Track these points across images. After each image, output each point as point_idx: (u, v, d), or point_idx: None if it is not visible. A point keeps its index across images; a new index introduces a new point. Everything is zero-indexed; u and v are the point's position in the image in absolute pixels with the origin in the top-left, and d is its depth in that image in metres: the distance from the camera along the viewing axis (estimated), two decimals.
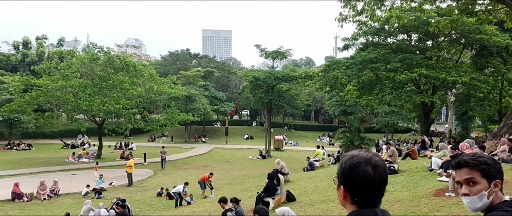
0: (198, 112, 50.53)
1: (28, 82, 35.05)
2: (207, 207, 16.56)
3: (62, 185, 22.69)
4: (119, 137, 45.20)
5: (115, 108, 32.11)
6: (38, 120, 37.53)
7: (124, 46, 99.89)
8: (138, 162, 34.36)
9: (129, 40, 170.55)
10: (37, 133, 47.84)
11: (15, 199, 20.41)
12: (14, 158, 36.01)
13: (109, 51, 37.13)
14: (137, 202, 20.16)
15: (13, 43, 62.43)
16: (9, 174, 27.91)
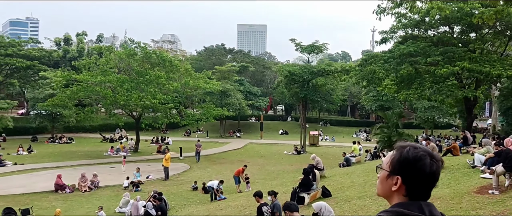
0: (233, 107, 50.70)
1: (69, 77, 36.17)
2: (242, 201, 16.52)
3: (101, 177, 23.29)
4: (155, 131, 46.02)
5: (152, 102, 32.63)
6: (79, 114, 38.71)
7: (160, 42, 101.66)
8: (174, 156, 34.83)
9: (165, 35, 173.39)
10: (78, 127, 49.40)
11: (58, 190, 21.12)
12: (57, 151, 37.38)
13: (146, 46, 37.72)
14: (173, 196, 20.41)
15: (55, 40, 64.67)
16: (52, 166, 28.97)
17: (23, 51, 55.08)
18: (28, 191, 21.09)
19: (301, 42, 41.49)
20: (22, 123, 47.77)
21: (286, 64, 59.31)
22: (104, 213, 15.65)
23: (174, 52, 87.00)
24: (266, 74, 77.90)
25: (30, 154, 35.11)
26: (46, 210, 17.26)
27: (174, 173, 26.86)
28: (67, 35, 63.14)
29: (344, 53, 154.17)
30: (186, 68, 38.41)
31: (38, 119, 46.17)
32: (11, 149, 36.10)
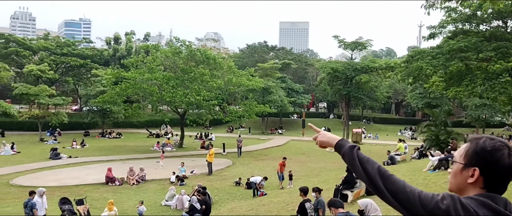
0: (275, 104, 50.83)
1: (118, 75, 37.62)
2: (284, 197, 16.65)
3: (147, 171, 24.13)
4: (199, 127, 46.96)
5: (196, 99, 33.30)
6: (127, 110, 40.17)
7: (204, 40, 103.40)
8: (217, 152, 35.44)
9: (208, 34, 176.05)
10: (126, 122, 51.30)
11: (109, 183, 22.12)
12: (107, 145, 39.05)
13: (190, 45, 38.55)
14: (216, 190, 20.84)
15: (105, 39, 67.34)
16: (102, 159, 30.32)
17: (77, 51, 57.89)
18: (81, 183, 22.23)
19: (344, 39, 41.00)
20: (76, 119, 50.15)
21: (329, 61, 58.80)
22: (145, 208, 16.12)
23: (217, 50, 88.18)
24: (308, 72, 77.40)
25: (83, 148, 36.89)
26: (98, 201, 18.15)
27: (217, 168, 27.38)
28: (117, 34, 65.55)
29: (389, 50, 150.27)
30: (229, 66, 38.91)
31: (90, 115, 48.39)
32: (66, 143, 38.10)
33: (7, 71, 36.44)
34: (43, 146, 37.26)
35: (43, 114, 42.12)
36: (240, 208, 16.39)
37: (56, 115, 42.55)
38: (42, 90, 41.38)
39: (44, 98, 41.22)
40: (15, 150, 33.12)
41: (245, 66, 50.52)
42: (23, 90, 41.09)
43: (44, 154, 31.69)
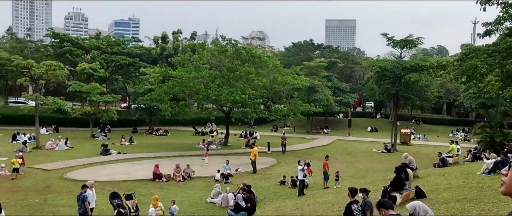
0: (321, 103, 50.18)
1: (166, 73, 38.44)
2: (330, 197, 16.31)
3: (193, 168, 24.44)
4: (244, 126, 47.16)
5: (241, 97, 33.40)
6: (174, 108, 40.99)
7: (250, 38, 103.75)
8: (261, 150, 35.44)
9: (254, 32, 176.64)
10: (173, 120, 52.37)
11: (156, 179, 22.61)
12: (154, 142, 40.06)
13: (236, 43, 38.72)
14: (261, 189, 20.77)
15: (153, 38, 69.13)
16: (150, 156, 31.10)
17: (126, 49, 59.79)
18: (130, 178, 22.88)
19: (393, 37, 39.71)
20: (124, 116, 51.83)
21: (377, 59, 57.23)
22: (177, 207, 16.13)
23: (262, 49, 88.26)
24: (355, 70, 75.88)
25: (131, 144, 38.03)
26: (146, 196, 18.56)
27: (262, 167, 27.32)
28: (164, 33, 67.10)
29: (440, 48, 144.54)
30: (275, 64, 38.77)
31: (138, 112, 49.84)
32: (115, 139, 39.43)
33: (62, 69, 38.02)
34: (94, 141, 38.78)
35: (94, 111, 43.81)
36: (285, 208, 16.22)
37: (106, 112, 44.14)
38: (94, 88, 43.02)
39: (95, 96, 42.84)
40: (69, 145, 34.64)
41: (291, 64, 50.08)
42: (76, 88, 42.90)
43: (95, 149, 32.93)
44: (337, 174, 21.93)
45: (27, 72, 38.14)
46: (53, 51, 59.18)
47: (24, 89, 66.01)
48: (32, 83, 41.93)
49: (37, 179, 22.15)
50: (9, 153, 29.48)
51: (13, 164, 22.80)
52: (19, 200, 17.69)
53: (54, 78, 38.65)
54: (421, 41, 40.64)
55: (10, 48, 64.00)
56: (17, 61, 39.36)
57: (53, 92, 56.85)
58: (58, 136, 38.82)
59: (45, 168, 24.94)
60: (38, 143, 34.29)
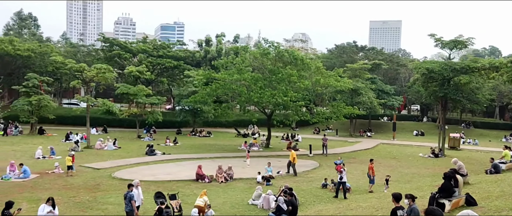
0: (364, 106, 49.25)
1: (209, 76, 39.05)
2: (374, 202, 15.94)
3: (235, 170, 24.65)
4: (286, 128, 47.06)
5: (283, 100, 33.36)
6: (216, 110, 41.57)
7: (292, 41, 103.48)
8: (303, 153, 35.28)
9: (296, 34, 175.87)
10: (215, 122, 53.16)
11: (199, 180, 22.99)
12: (197, 143, 40.77)
13: (278, 45, 38.74)
14: (303, 192, 20.62)
15: (197, 41, 70.49)
16: (193, 157, 31.68)
17: (171, 53, 61.33)
18: (174, 179, 23.39)
19: (441, 37, 38.31)
20: (169, 117, 53.09)
21: (424, 61, 55.48)
22: (213, 212, 16.14)
23: (305, 51, 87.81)
24: (400, 72, 73.89)
25: (175, 145, 38.89)
26: (189, 197, 18.91)
27: (304, 170, 27.15)
28: (208, 37, 68.25)
29: (493, 49, 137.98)
30: (317, 67, 38.45)
31: (182, 114, 50.95)
32: (160, 140, 40.49)
33: (111, 72, 39.62)
34: (140, 142, 40.00)
35: (141, 112, 45.19)
36: (327, 211, 16.02)
37: (152, 113, 45.41)
38: (140, 90, 44.41)
39: (142, 98, 44.21)
40: (117, 146, 35.91)
41: (333, 67, 49.58)
42: (123, 90, 44.45)
43: (141, 150, 33.94)
44: (387, 178, 21.51)
45: (79, 75, 40.01)
46: (103, 55, 61.81)
47: (76, 91, 69.37)
48: (83, 86, 43.95)
49: (87, 177, 23.12)
50: (62, 152, 30.99)
51: (66, 161, 23.93)
52: (71, 197, 18.53)
53: (103, 81, 40.28)
54: (471, 41, 38.92)
55: (65, 52, 67.43)
56: (70, 64, 41.38)
57: (102, 94, 59.29)
58: (107, 136, 40.40)
59: (95, 167, 25.98)
60: (89, 143, 35.80)
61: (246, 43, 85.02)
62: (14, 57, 50.54)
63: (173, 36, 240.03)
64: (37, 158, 28.58)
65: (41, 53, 52.87)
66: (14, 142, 36.84)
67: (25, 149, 32.84)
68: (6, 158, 27.30)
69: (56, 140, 38.74)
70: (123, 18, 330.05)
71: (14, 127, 43.02)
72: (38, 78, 43.63)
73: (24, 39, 65.29)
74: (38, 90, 42.83)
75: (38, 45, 55.98)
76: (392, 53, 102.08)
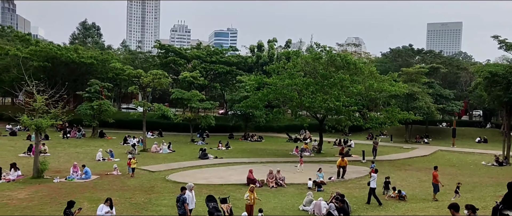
0: (421, 111, 47.40)
1: (261, 81, 39.29)
2: (431, 211, 15.27)
3: (286, 175, 24.55)
4: (338, 133, 46.27)
5: (335, 105, 32.87)
6: (268, 115, 41.69)
7: (345, 45, 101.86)
8: (356, 159, 34.52)
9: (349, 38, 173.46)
10: (267, 126, 53.33)
11: (250, 184, 23.03)
12: (249, 148, 41.08)
13: (330, 50, 38.27)
14: (355, 199, 20.16)
15: (249, 47, 71.25)
16: (244, 161, 31.92)
17: (224, 58, 62.43)
18: (225, 182, 23.69)
19: (505, 39, 36.13)
20: (221, 122, 53.96)
21: (487, 64, 52.59)
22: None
23: (358, 55, 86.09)
24: (461, 76, 70.39)
25: (227, 149, 39.42)
26: (240, 201, 19.04)
27: (356, 176, 26.55)
28: (260, 42, 68.78)
29: None
30: (371, 71, 37.56)
31: (234, 118, 51.59)
32: (213, 144, 41.24)
33: (166, 78, 41.00)
34: (193, 146, 40.93)
35: (194, 116, 46.29)
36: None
37: (205, 118, 46.37)
38: (194, 95, 45.53)
39: (196, 103, 45.30)
40: (171, 149, 36.99)
41: (388, 71, 48.11)
42: (178, 95, 45.77)
43: (194, 153, 34.73)
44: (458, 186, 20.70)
45: (137, 81, 41.72)
46: (159, 61, 64.10)
47: (134, 97, 72.32)
48: (141, 91, 45.74)
49: (143, 180, 23.97)
50: (120, 154, 32.40)
51: (131, 164, 24.97)
52: (127, 198, 19.28)
53: (159, 86, 41.70)
54: None
55: (124, 59, 70.58)
56: (129, 71, 43.27)
57: (158, 99, 61.46)
58: (162, 140, 41.75)
59: (150, 170, 26.88)
60: (145, 146, 37.15)
61: (298, 48, 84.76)
62: (79, 65, 53.63)
63: (226, 42, 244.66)
64: (97, 160, 30.06)
65: (103, 61, 55.71)
66: (78, 144, 39.00)
67: (87, 151, 34.65)
68: (70, 160, 28.98)
69: (115, 143, 40.56)
70: (179, 25, 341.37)
71: (77, 130, 45.60)
72: (100, 84, 46.00)
73: (88, 48, 69.17)
74: (99, 96, 45.12)
75: (99, 53, 59.09)
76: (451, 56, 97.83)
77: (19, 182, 22.47)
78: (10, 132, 44.11)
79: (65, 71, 54.19)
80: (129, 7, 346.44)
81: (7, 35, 78.06)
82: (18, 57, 48.08)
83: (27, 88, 26.00)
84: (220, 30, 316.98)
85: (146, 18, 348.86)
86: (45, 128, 23.53)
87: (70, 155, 32.01)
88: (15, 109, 42.20)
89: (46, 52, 51.10)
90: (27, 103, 24.22)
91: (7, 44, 57.77)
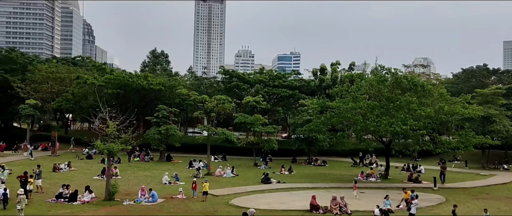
0: (499, 135, 44.08)
1: (324, 104, 38.82)
2: None
3: (351, 202, 23.72)
4: (406, 158, 44.17)
5: (402, 128, 31.59)
6: (332, 139, 40.90)
7: (412, 66, 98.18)
8: (427, 186, 32.67)
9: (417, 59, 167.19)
10: (331, 150, 52.25)
11: (313, 210, 22.57)
12: (312, 173, 40.41)
13: (396, 72, 37.09)
14: None
15: (312, 70, 70.91)
16: (307, 186, 31.37)
17: (286, 82, 62.60)
18: (288, 208, 23.36)
19: None
20: (284, 146, 53.69)
21: None
22: None
23: (426, 76, 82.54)
24: None
25: (290, 174, 39.05)
26: None
27: (427, 205, 25.03)
28: (323, 65, 68.26)
29: None
30: (441, 93, 35.82)
31: (297, 142, 51.16)
32: (275, 168, 41.08)
33: (230, 103, 41.89)
34: (256, 170, 41.03)
35: (257, 140, 46.53)
36: None
37: (268, 142, 46.44)
38: (257, 119, 45.92)
39: (258, 127, 45.63)
40: (234, 173, 37.33)
41: (460, 92, 45.63)
42: (241, 119, 46.40)
43: (257, 177, 34.75)
44: None
45: (202, 106, 42.96)
46: (223, 86, 65.68)
47: (199, 121, 74.42)
48: (205, 116, 47.00)
49: (206, 203, 24.31)
50: (186, 178, 33.23)
51: (204, 187, 25.48)
52: None
53: (223, 111, 42.61)
54: None
55: (190, 85, 73.26)
56: (194, 96, 44.78)
57: (223, 123, 62.59)
58: (226, 163, 42.32)
59: (214, 194, 27.20)
60: (209, 170, 37.82)
61: (362, 70, 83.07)
62: (148, 91, 56.33)
63: (289, 66, 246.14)
64: (164, 184, 31.03)
65: (170, 87, 58.09)
66: (146, 167, 40.61)
67: (154, 174, 35.94)
68: (138, 183, 30.20)
69: (181, 167, 41.74)
70: (243, 51, 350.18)
71: (145, 154, 47.60)
72: (167, 110, 47.87)
73: (157, 75, 72.62)
74: (166, 120, 46.92)
75: (167, 79, 61.73)
76: None
77: (93, 204, 23.73)
78: (87, 156, 46.95)
79: (135, 97, 57.15)
80: (196, 35, 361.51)
81: (86, 65, 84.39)
82: (94, 85, 51.55)
83: (101, 115, 27.71)
84: (283, 54, 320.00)
85: (211, 45, 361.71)
86: (116, 152, 24.80)
87: (138, 178, 33.37)
88: (91, 133, 44.99)
89: (119, 80, 54.37)
90: (101, 129, 25.71)
91: (85, 73, 62.27)
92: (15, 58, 74.19)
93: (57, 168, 36.07)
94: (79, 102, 56.92)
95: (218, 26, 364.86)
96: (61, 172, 35.50)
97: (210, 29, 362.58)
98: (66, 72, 64.70)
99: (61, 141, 53.37)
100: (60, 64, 75.05)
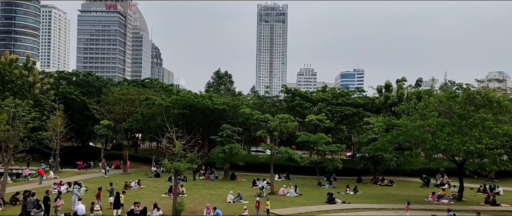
0: None
1: (389, 122, 37.60)
2: None
3: None
4: (482, 179, 41.35)
5: (477, 147, 29.73)
6: (399, 158, 39.36)
7: (486, 81, 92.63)
8: (507, 209, 30.31)
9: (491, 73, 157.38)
10: (398, 170, 50.18)
11: None
12: (378, 193, 39.01)
13: (468, 87, 35.19)
14: None
15: (377, 87, 69.09)
16: (374, 207, 30.37)
17: (350, 100, 61.50)
18: None
19: None
20: (349, 165, 52.42)
21: None
22: None
23: (502, 91, 77.32)
24: None
25: (356, 194, 37.98)
26: None
27: None
28: (388, 82, 66.30)
29: None
30: None
31: (362, 161, 49.76)
32: (340, 188, 40.17)
33: (292, 121, 41.87)
34: (320, 189, 40.35)
35: (321, 159, 45.87)
36: None
37: (331, 161, 45.62)
38: (320, 138, 45.38)
39: (322, 146, 45.02)
40: (298, 192, 37.01)
41: None
42: (304, 138, 46.08)
43: (321, 197, 34.17)
44: None
45: (264, 125, 43.33)
46: (286, 105, 65.84)
47: (262, 140, 74.97)
48: (268, 135, 47.29)
49: None
50: (249, 197, 33.47)
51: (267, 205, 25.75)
52: None
53: (285, 130, 42.61)
54: None
55: (253, 104, 74.25)
56: (257, 115, 45.28)
57: (285, 142, 62.59)
58: (289, 182, 42.08)
59: (278, 213, 27.16)
60: (273, 189, 37.81)
61: (431, 86, 79.54)
62: (212, 111, 57.89)
63: (352, 83, 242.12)
64: (228, 202, 31.46)
65: (234, 106, 59.30)
66: (211, 186, 41.45)
67: (219, 193, 36.57)
68: (204, 201, 30.89)
69: (245, 185, 42.12)
70: (305, 69, 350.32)
71: (210, 172, 48.63)
72: (231, 129, 48.77)
73: (221, 95, 74.56)
74: (230, 139, 47.76)
75: (231, 99, 63.11)
76: None
77: None
78: (155, 174, 48.86)
79: (200, 117, 58.88)
80: (258, 55, 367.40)
81: (154, 86, 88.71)
82: (162, 106, 53.88)
83: (168, 135, 28.91)
84: (346, 71, 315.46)
85: (273, 64, 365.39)
86: (182, 171, 25.64)
87: (204, 197, 34.12)
88: (159, 152, 46.85)
89: (185, 101, 56.38)
90: (168, 148, 26.77)
91: (154, 95, 65.41)
92: (91, 81, 79.80)
93: (128, 186, 37.89)
94: (148, 122, 59.66)
95: (280, 45, 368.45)
96: (132, 190, 37.20)
97: (272, 49, 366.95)
98: (136, 94, 68.35)
99: (131, 159, 56.02)
100: (131, 87, 79.58)
